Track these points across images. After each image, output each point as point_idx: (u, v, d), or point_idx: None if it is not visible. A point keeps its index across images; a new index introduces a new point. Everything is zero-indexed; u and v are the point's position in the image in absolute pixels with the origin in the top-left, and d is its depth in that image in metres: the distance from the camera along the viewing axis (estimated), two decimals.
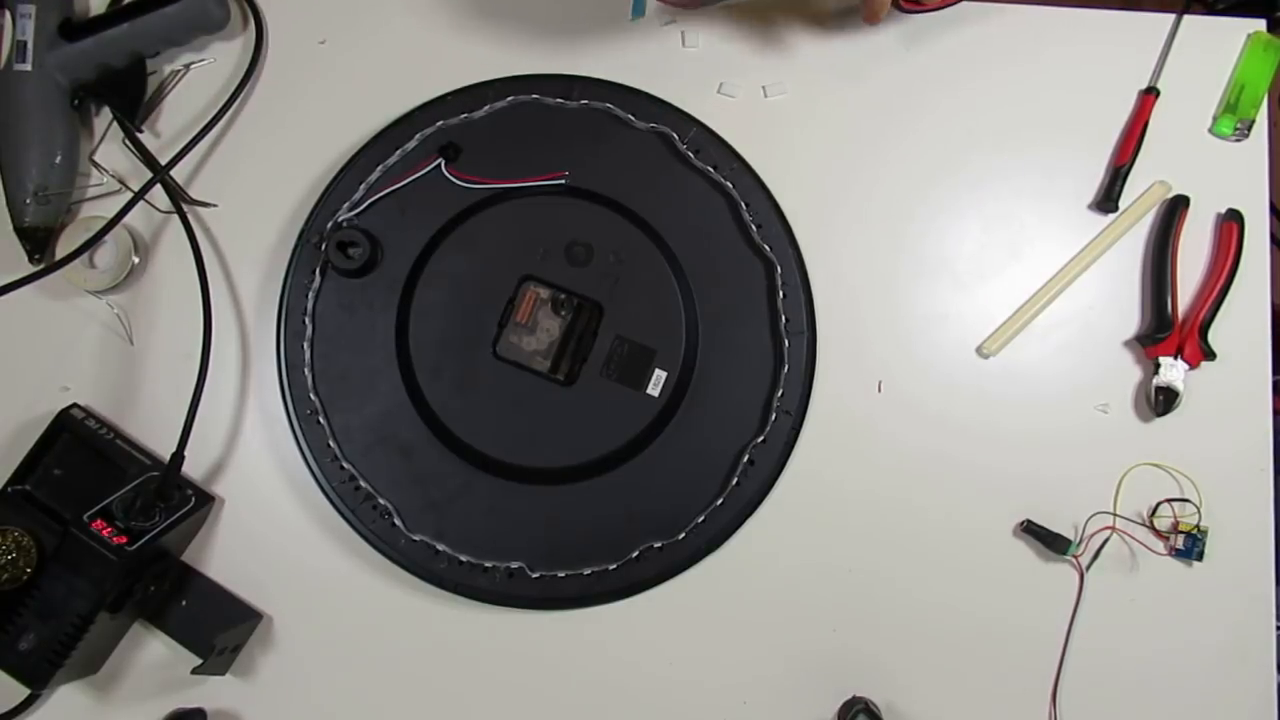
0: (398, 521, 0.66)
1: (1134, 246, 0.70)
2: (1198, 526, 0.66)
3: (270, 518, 0.68)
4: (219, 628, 0.64)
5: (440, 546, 0.66)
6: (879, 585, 0.67)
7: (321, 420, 0.66)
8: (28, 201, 0.67)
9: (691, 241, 0.68)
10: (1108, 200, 0.69)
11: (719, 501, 0.66)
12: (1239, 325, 0.68)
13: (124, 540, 0.60)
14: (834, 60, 0.72)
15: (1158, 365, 0.67)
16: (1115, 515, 0.67)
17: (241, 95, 0.71)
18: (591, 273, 0.67)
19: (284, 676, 0.67)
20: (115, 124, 0.70)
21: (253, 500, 0.68)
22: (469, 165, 0.68)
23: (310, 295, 0.67)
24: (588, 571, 0.66)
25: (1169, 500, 0.67)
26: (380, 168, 0.68)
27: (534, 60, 0.70)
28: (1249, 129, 0.70)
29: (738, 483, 0.66)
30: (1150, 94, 0.70)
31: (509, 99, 0.68)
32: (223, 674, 0.65)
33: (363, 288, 0.67)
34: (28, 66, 0.67)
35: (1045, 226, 0.70)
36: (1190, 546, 0.66)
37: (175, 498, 0.64)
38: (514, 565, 0.66)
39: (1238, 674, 0.66)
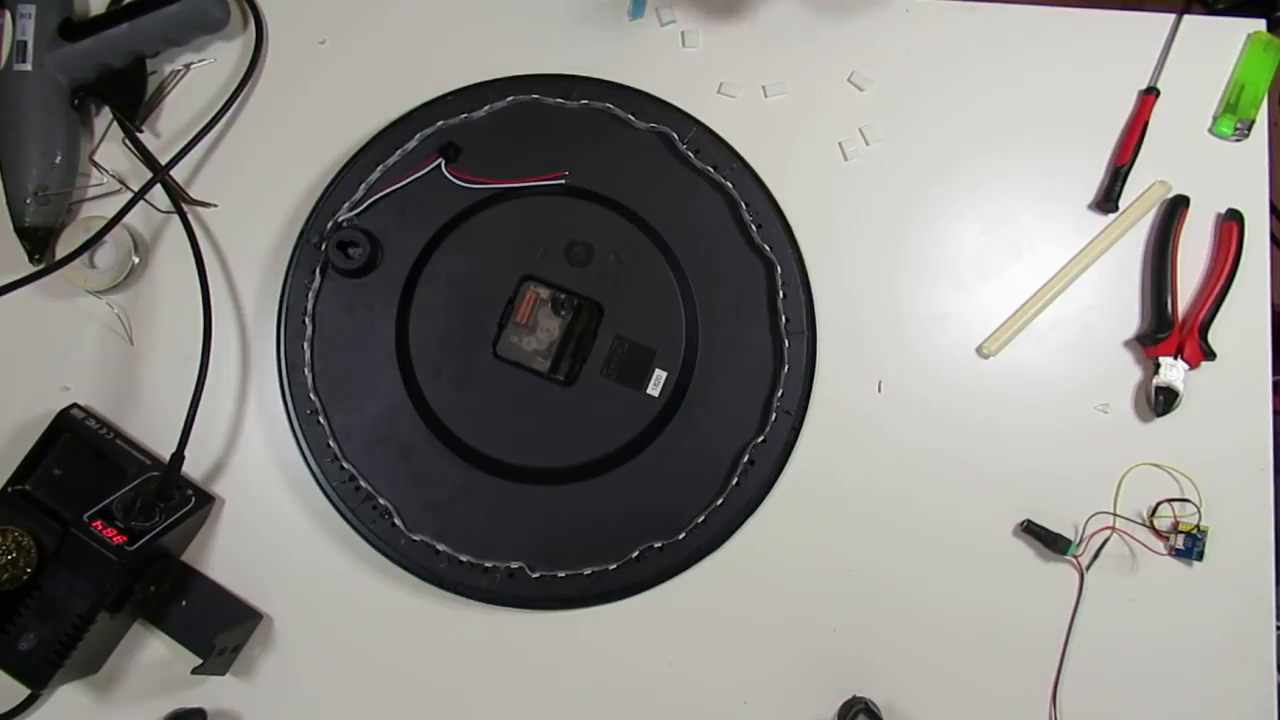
0: (398, 521, 0.66)
1: (1134, 246, 0.70)
2: (1198, 526, 0.66)
3: (270, 518, 0.68)
4: (219, 628, 0.64)
5: (440, 546, 0.66)
6: (879, 585, 0.67)
7: (321, 420, 0.66)
8: (28, 201, 0.67)
9: (691, 241, 0.68)
10: (1108, 200, 0.69)
11: (719, 501, 0.66)
12: (1239, 325, 0.68)
13: (124, 540, 0.60)
14: (834, 60, 0.72)
15: (1158, 365, 0.67)
16: (1115, 515, 0.67)
17: (241, 95, 0.71)
18: (591, 273, 0.67)
19: (284, 676, 0.67)
20: (115, 124, 0.70)
21: (253, 500, 0.68)
22: (469, 165, 0.68)
23: (310, 295, 0.67)
24: (588, 571, 0.66)
25: (1169, 500, 0.67)
26: (380, 168, 0.68)
27: (534, 60, 0.70)
28: (1249, 129, 0.70)
29: (738, 483, 0.66)
30: (1150, 94, 0.70)
31: (509, 99, 0.68)
32: (223, 674, 0.65)
33: (363, 288, 0.67)
34: (28, 66, 0.67)
35: (1045, 226, 0.70)
36: (1190, 546, 0.66)
37: (175, 498, 0.64)
38: (514, 565, 0.65)
39: (1238, 674, 0.66)
